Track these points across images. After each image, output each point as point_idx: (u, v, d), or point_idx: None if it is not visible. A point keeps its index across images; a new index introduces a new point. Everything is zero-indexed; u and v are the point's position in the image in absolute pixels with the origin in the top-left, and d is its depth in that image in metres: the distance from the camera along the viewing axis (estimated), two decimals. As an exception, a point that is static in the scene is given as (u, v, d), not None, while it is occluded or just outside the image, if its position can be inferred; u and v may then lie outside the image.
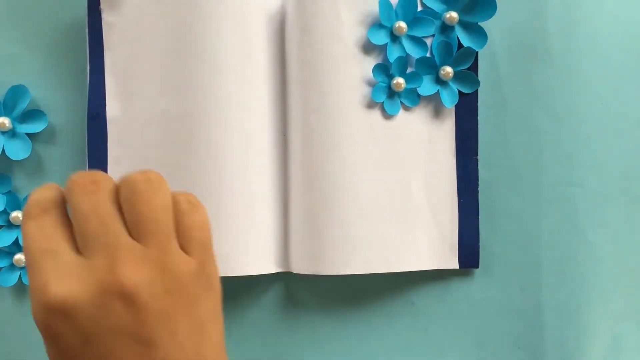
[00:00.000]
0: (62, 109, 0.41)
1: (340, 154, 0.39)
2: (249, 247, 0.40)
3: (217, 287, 0.29)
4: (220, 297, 0.30)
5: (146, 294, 0.25)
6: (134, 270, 0.25)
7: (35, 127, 0.40)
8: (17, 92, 0.39)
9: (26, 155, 0.39)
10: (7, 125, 0.39)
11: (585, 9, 0.43)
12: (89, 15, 0.40)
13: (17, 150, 0.39)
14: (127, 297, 0.25)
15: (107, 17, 0.40)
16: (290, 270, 0.41)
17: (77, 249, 0.26)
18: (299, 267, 0.40)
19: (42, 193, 0.28)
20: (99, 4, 0.40)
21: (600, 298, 0.43)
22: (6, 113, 0.39)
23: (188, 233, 0.28)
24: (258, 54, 0.40)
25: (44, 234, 0.26)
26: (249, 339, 0.43)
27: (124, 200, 0.27)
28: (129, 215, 0.27)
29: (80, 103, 0.41)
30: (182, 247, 0.28)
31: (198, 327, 0.28)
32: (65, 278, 0.25)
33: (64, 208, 0.28)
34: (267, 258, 0.41)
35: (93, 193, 0.27)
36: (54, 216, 0.27)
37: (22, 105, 0.39)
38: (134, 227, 0.27)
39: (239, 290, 0.42)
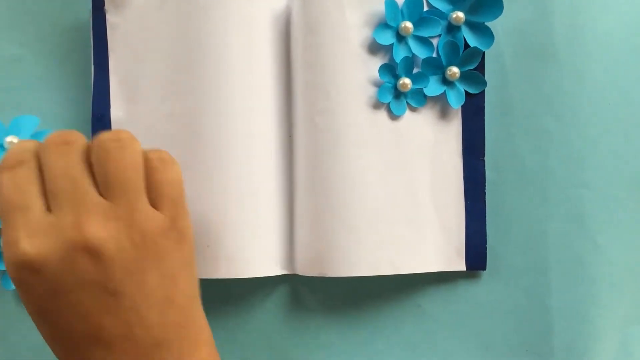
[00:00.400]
0: (66, 110, 0.41)
1: (346, 155, 0.39)
2: (254, 249, 0.39)
3: (190, 239, 0.30)
4: (193, 248, 0.31)
5: (112, 248, 0.27)
6: (100, 226, 0.27)
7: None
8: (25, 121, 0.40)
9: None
10: None
11: (592, 10, 0.42)
12: (93, 16, 0.40)
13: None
14: (92, 252, 0.27)
15: (111, 18, 0.40)
16: (295, 273, 0.41)
17: (48, 206, 0.28)
18: (305, 269, 0.40)
19: (21, 145, 0.29)
20: (103, 5, 0.40)
21: (609, 301, 0.43)
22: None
23: (159, 189, 0.29)
24: (263, 56, 0.40)
25: (18, 187, 0.28)
26: (254, 341, 0.42)
27: (94, 159, 0.28)
28: (98, 174, 0.28)
29: (85, 104, 0.41)
30: (153, 203, 0.29)
31: (167, 277, 0.29)
32: (34, 235, 0.27)
33: (38, 163, 0.29)
34: (272, 260, 0.40)
35: (65, 153, 0.28)
36: (28, 169, 0.28)
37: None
38: (103, 186, 0.28)
39: (244, 292, 0.42)
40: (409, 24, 0.39)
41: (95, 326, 0.27)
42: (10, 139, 0.39)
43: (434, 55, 0.40)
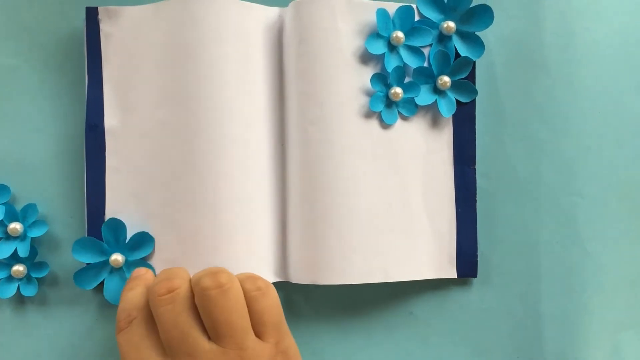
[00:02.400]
0: (60, 119, 0.41)
1: (338, 164, 0.39)
2: (247, 257, 0.39)
3: (295, 357, 0.33)
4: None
5: None
6: None
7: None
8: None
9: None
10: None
11: (582, 18, 0.43)
12: (87, 26, 0.40)
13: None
14: None
15: (105, 28, 0.40)
16: (288, 280, 0.41)
17: (165, 353, 0.30)
18: (298, 277, 0.40)
19: (128, 302, 0.32)
20: (97, 14, 0.40)
21: (600, 307, 0.43)
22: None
23: (260, 318, 0.32)
24: (256, 65, 0.40)
25: (133, 344, 0.30)
26: (247, 349, 0.42)
27: (199, 307, 0.31)
28: (205, 320, 0.31)
29: (79, 114, 0.41)
30: (257, 332, 0.32)
31: None
32: None
33: (148, 310, 0.32)
34: (265, 268, 0.41)
35: (171, 303, 0.31)
36: (140, 326, 0.31)
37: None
38: (212, 331, 0.31)
39: (237, 301, 0.42)
40: (400, 34, 0.40)
41: None
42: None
43: (425, 64, 0.41)
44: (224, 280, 0.31)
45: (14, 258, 0.40)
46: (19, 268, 0.39)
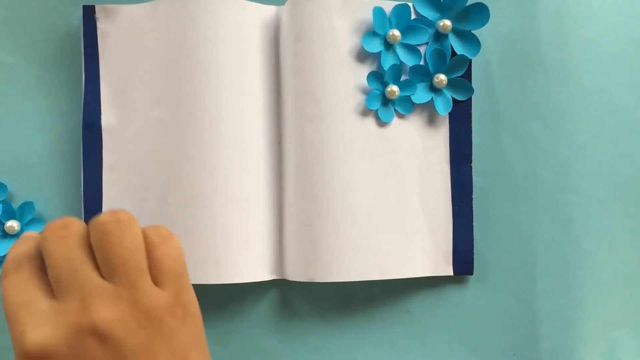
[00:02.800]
0: (57, 117, 0.41)
1: (335, 162, 0.39)
2: (244, 255, 0.40)
3: (196, 314, 0.30)
4: (200, 322, 0.30)
5: (120, 330, 0.27)
6: (105, 309, 0.27)
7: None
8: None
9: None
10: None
11: (577, 17, 0.43)
12: (84, 24, 0.40)
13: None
14: (101, 336, 0.27)
15: (102, 26, 0.40)
16: (285, 278, 0.41)
17: (53, 294, 0.28)
18: (294, 274, 0.40)
19: (17, 249, 0.30)
20: (94, 12, 0.40)
21: (596, 305, 0.43)
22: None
23: (160, 265, 0.29)
24: (253, 63, 0.40)
25: (18, 288, 0.28)
26: (244, 346, 0.43)
27: (94, 242, 0.29)
28: (99, 256, 0.28)
29: (76, 112, 0.41)
30: (155, 280, 0.29)
31: (178, 356, 0.28)
32: (41, 325, 0.26)
33: (38, 260, 0.30)
34: (262, 265, 0.41)
35: (63, 238, 0.28)
36: (27, 271, 0.29)
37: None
38: (105, 267, 0.28)
39: (234, 298, 0.42)
40: (396, 32, 0.40)
41: None
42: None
43: (422, 62, 0.41)
44: (122, 217, 0.29)
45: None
46: None
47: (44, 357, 0.26)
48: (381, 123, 0.40)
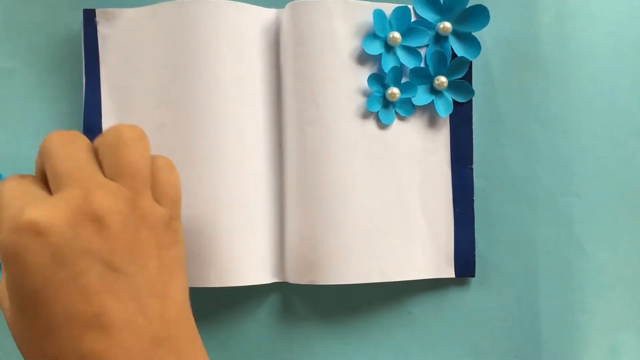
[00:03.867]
0: (58, 121, 0.41)
1: (336, 164, 0.39)
2: (245, 258, 0.40)
3: (182, 242, 0.31)
4: (184, 253, 0.31)
5: (118, 222, 0.26)
6: (108, 199, 0.26)
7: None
8: None
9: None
10: None
11: (577, 19, 0.43)
12: (84, 27, 0.40)
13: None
14: (99, 221, 0.26)
15: (102, 30, 0.40)
16: (286, 281, 0.41)
17: (48, 193, 0.28)
18: (295, 277, 0.40)
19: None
20: (95, 16, 0.40)
21: (597, 307, 0.43)
22: None
23: (161, 188, 0.30)
24: (253, 66, 0.40)
25: (15, 185, 0.27)
26: (245, 349, 0.42)
27: (104, 145, 0.29)
28: (108, 160, 0.28)
29: (77, 115, 0.41)
30: (155, 199, 0.29)
31: (167, 270, 0.28)
32: (39, 204, 0.26)
33: (41, 177, 0.29)
34: (263, 268, 0.41)
35: (70, 142, 0.28)
36: (28, 178, 0.28)
37: None
38: (112, 170, 0.28)
39: (235, 301, 0.42)
40: (397, 34, 0.40)
41: (96, 307, 0.25)
42: None
43: (422, 65, 0.41)
44: (139, 130, 0.29)
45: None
46: None
47: (38, 230, 0.25)
48: (382, 125, 0.40)
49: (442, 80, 0.40)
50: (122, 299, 0.26)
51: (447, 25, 0.40)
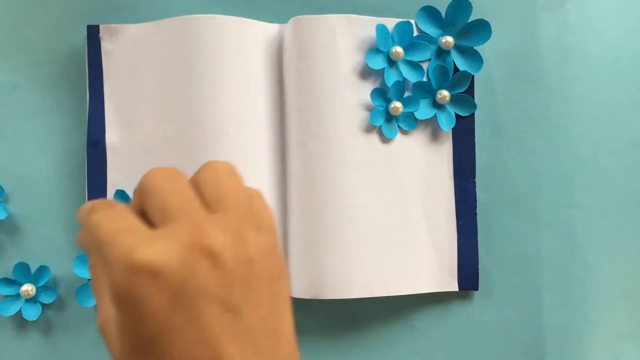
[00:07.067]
0: (62, 136, 0.41)
1: (339, 179, 0.39)
2: (249, 272, 0.39)
3: (287, 274, 0.29)
4: (290, 288, 0.29)
5: (232, 257, 0.25)
6: (220, 234, 0.25)
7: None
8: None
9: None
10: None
11: (578, 33, 0.43)
12: (88, 43, 0.40)
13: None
14: (216, 259, 0.24)
15: (106, 45, 0.40)
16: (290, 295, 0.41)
17: (154, 227, 0.26)
18: (300, 291, 0.40)
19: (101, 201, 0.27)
20: (98, 32, 0.40)
21: (600, 319, 0.43)
22: None
23: (260, 217, 0.28)
24: (256, 81, 0.40)
25: (113, 218, 0.25)
26: (249, 364, 0.42)
27: (203, 181, 0.27)
28: (209, 195, 0.27)
29: (80, 130, 0.41)
30: (255, 230, 0.27)
31: (278, 306, 0.27)
32: (151, 242, 0.24)
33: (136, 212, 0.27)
34: (267, 283, 0.40)
35: (174, 177, 0.27)
36: (119, 208, 0.26)
37: None
38: (215, 204, 0.27)
39: (239, 316, 0.42)
40: (399, 49, 0.40)
41: (215, 350, 0.24)
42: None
43: (425, 79, 0.41)
44: (234, 167, 0.28)
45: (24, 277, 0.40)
46: (27, 289, 0.39)
47: (154, 272, 0.23)
48: (385, 139, 0.41)
49: (445, 94, 0.41)
50: (238, 341, 0.25)
51: (449, 39, 0.40)
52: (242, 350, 0.25)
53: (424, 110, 0.41)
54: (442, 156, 0.42)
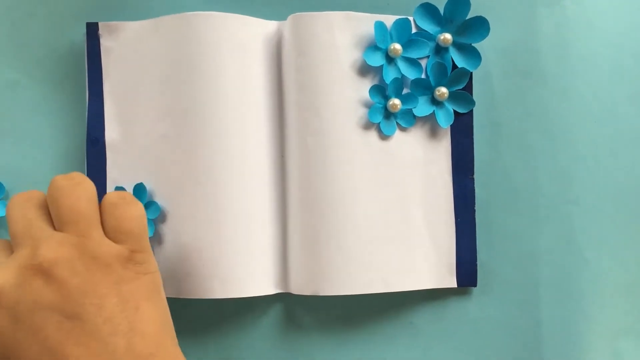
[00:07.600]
0: (61, 134, 0.42)
1: (338, 175, 0.40)
2: (248, 269, 0.40)
3: (152, 274, 0.31)
4: (157, 280, 0.32)
5: (64, 270, 0.28)
6: (51, 251, 0.28)
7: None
8: None
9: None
10: None
11: (577, 30, 0.43)
12: (87, 40, 0.41)
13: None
14: (46, 275, 0.28)
15: (105, 43, 0.41)
16: (289, 292, 0.41)
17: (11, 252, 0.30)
18: (298, 288, 0.40)
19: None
20: (98, 29, 0.41)
21: (599, 315, 0.43)
22: None
23: (119, 224, 0.31)
24: (255, 78, 0.40)
25: None
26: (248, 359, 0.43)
27: (49, 200, 0.30)
28: (53, 212, 0.30)
29: (80, 128, 0.41)
30: (113, 237, 0.31)
31: (130, 304, 0.29)
32: None
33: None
34: (266, 279, 0.41)
35: (25, 202, 0.31)
36: None
37: None
38: (57, 219, 0.30)
39: (238, 312, 0.43)
40: (398, 46, 0.40)
41: (59, 356, 0.27)
42: None
43: (423, 76, 0.41)
44: (75, 176, 0.31)
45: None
46: None
47: None
48: (383, 136, 0.41)
49: (443, 91, 0.41)
50: (82, 343, 0.27)
51: (448, 36, 0.40)
52: (88, 350, 0.27)
53: (422, 107, 0.41)
54: (441, 153, 0.42)
